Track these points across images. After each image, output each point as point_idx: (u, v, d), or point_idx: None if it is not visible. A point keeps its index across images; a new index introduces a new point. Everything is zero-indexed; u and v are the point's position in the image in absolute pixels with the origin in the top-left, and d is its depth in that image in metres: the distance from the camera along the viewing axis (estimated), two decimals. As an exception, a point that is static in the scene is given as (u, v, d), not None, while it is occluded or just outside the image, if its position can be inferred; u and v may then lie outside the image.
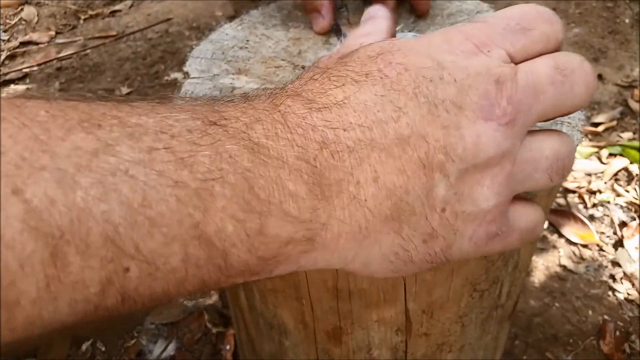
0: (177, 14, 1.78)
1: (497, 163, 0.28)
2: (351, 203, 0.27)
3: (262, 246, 0.25)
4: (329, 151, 0.26)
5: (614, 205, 1.17)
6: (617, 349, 0.95)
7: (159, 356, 0.96)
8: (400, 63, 0.28)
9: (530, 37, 0.30)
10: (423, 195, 0.27)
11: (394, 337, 0.51)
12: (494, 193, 0.28)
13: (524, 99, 0.28)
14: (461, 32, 0.29)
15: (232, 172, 0.24)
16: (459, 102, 0.27)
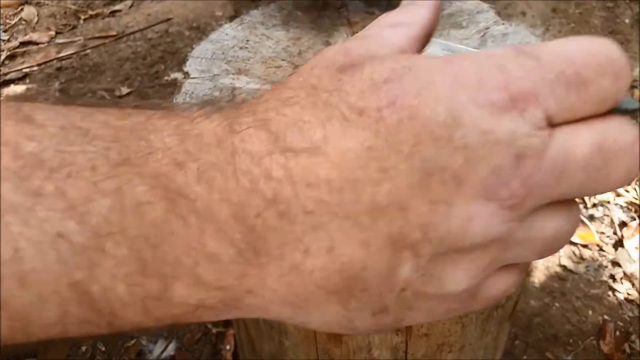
0: (177, 14, 1.78)
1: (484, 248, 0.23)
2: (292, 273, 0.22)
3: (162, 309, 0.22)
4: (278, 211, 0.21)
5: (614, 205, 1.17)
6: (617, 349, 0.95)
7: (159, 356, 0.96)
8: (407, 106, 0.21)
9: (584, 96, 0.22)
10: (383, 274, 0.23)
11: (394, 337, 0.51)
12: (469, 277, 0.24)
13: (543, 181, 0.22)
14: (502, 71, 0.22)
15: (134, 227, 0.20)
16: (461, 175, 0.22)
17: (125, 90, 1.52)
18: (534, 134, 0.22)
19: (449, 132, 0.21)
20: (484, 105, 0.21)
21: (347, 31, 0.54)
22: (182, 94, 0.47)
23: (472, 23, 0.59)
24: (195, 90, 0.47)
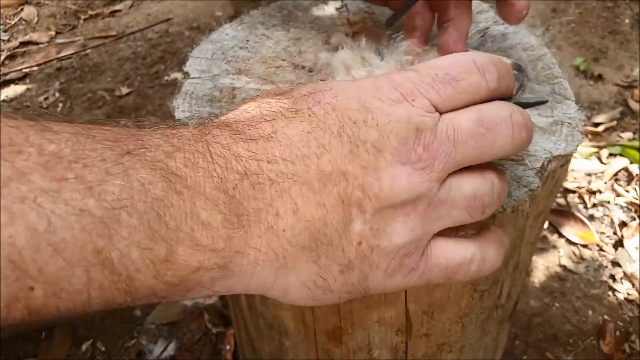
0: (177, 14, 1.78)
1: (411, 203, 0.30)
2: (268, 232, 0.28)
3: (169, 272, 0.26)
4: (250, 182, 0.27)
5: (614, 205, 1.17)
6: (617, 349, 0.95)
7: (159, 356, 0.96)
8: (328, 103, 0.30)
9: (457, 88, 0.31)
10: (340, 229, 0.29)
11: (394, 337, 0.51)
12: (408, 230, 0.30)
13: (441, 147, 0.30)
14: (390, 81, 0.31)
15: (142, 201, 0.25)
16: (379, 145, 0.29)
17: (125, 90, 1.52)
18: (426, 114, 0.30)
19: (363, 115, 0.30)
20: (383, 100, 0.30)
21: (347, 31, 0.54)
22: (182, 94, 0.47)
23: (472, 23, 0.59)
24: (195, 90, 0.47)
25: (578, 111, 0.48)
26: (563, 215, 1.15)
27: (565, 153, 0.44)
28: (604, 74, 1.48)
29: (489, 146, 0.31)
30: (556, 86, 0.50)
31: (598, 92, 1.45)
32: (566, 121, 0.47)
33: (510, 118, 0.32)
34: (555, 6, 1.69)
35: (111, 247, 0.24)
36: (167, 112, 1.42)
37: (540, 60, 0.54)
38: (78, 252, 0.24)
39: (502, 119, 0.31)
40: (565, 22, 1.64)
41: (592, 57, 1.53)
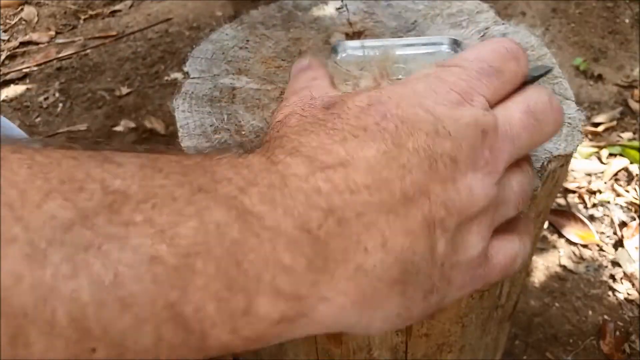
0: (177, 14, 1.78)
1: (485, 212, 0.29)
2: (357, 273, 0.25)
3: (248, 326, 0.23)
4: (335, 218, 0.24)
5: (614, 205, 1.17)
6: (617, 349, 0.95)
7: (159, 356, 0.96)
8: (395, 115, 0.27)
9: (502, 79, 0.30)
10: (428, 254, 0.27)
11: (394, 337, 0.51)
12: (481, 239, 0.29)
13: (503, 146, 0.29)
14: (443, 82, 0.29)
15: (218, 245, 0.22)
16: (454, 155, 0.27)
17: (125, 90, 1.52)
18: (486, 114, 0.29)
19: (434, 125, 0.27)
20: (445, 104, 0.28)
21: (347, 31, 0.54)
22: (182, 94, 0.47)
23: (472, 23, 0.59)
24: (195, 90, 0.47)
25: (578, 111, 0.48)
26: (563, 215, 1.15)
27: (565, 153, 0.44)
28: (604, 74, 1.48)
29: (539, 136, 0.31)
30: (556, 86, 0.50)
31: (598, 92, 1.45)
32: (566, 121, 0.47)
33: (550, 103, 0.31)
34: (555, 6, 1.69)
35: (185, 300, 0.21)
36: (167, 112, 1.42)
37: (540, 60, 0.54)
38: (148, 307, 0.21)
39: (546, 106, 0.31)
40: (565, 22, 1.64)
41: (592, 57, 1.53)
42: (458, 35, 0.57)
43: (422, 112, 0.27)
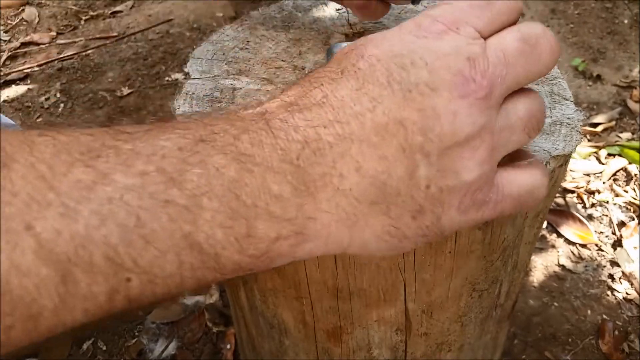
0: (177, 15, 1.79)
1: (477, 137, 0.29)
2: (336, 194, 0.29)
3: (252, 246, 0.28)
4: (311, 149, 0.28)
5: (613, 205, 1.18)
6: (616, 348, 0.95)
7: (159, 355, 0.96)
8: (372, 55, 0.29)
9: (494, 10, 0.31)
10: (406, 177, 0.29)
11: (394, 336, 0.51)
12: (477, 164, 0.30)
13: (497, 71, 0.29)
14: (429, 16, 0.31)
15: (219, 185, 0.26)
16: (432, 83, 0.28)
17: (126, 90, 1.52)
18: (473, 42, 0.30)
19: (409, 58, 0.29)
20: (427, 35, 0.30)
21: (347, 32, 0.54)
22: (183, 94, 0.47)
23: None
24: (196, 91, 0.48)
25: (577, 111, 0.48)
26: (562, 215, 1.16)
27: (563, 153, 0.45)
28: (602, 74, 1.49)
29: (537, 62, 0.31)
30: (555, 86, 0.51)
31: (597, 92, 1.45)
32: (565, 121, 0.47)
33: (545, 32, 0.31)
34: (554, 7, 1.69)
35: (197, 230, 0.26)
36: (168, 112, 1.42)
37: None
38: (168, 240, 0.25)
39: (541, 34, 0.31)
40: (564, 23, 1.64)
41: (590, 58, 1.54)
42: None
43: (399, 47, 0.29)
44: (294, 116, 0.29)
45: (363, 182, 0.29)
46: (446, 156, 0.29)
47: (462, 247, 0.43)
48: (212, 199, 0.26)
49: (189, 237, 0.26)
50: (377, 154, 0.29)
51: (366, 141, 0.28)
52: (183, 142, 0.27)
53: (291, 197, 0.28)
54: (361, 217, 0.30)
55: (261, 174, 0.27)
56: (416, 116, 0.28)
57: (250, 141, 0.28)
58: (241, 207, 0.27)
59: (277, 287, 0.49)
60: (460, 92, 0.29)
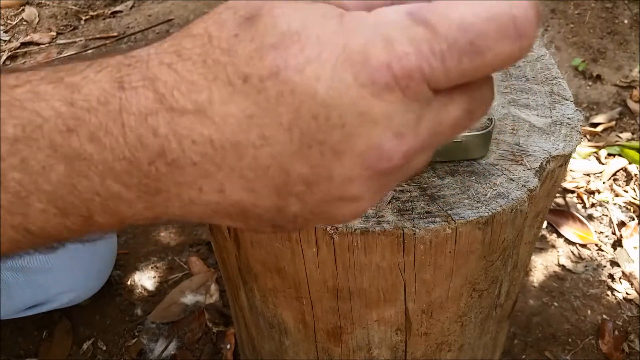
0: (177, 15, 1.79)
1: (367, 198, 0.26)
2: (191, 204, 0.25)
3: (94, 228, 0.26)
4: (166, 161, 0.23)
5: (613, 205, 1.18)
6: (616, 348, 0.95)
7: (159, 355, 0.96)
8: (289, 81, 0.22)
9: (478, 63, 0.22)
10: (272, 211, 0.26)
11: (394, 336, 0.51)
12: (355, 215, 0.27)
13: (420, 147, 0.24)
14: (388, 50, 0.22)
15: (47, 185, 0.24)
16: (340, 149, 0.23)
17: (126, 90, 1.52)
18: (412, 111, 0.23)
19: (327, 111, 0.22)
20: (366, 84, 0.22)
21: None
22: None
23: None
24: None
25: (577, 111, 0.48)
26: (562, 215, 1.16)
27: (563, 153, 0.45)
28: (602, 74, 1.49)
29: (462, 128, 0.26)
30: (555, 86, 0.51)
31: (597, 92, 1.45)
32: (565, 121, 0.47)
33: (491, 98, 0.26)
34: (554, 7, 1.69)
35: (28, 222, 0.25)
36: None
37: (539, 60, 0.54)
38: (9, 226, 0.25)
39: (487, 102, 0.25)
40: (564, 23, 1.64)
41: (590, 58, 1.54)
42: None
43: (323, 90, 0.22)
44: (158, 116, 0.23)
45: (223, 203, 0.25)
46: (326, 205, 0.26)
47: (462, 247, 0.43)
48: (39, 198, 0.24)
49: (18, 228, 0.25)
50: (247, 186, 0.24)
51: (238, 172, 0.24)
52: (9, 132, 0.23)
53: (136, 200, 0.25)
54: (217, 219, 0.27)
55: (100, 178, 0.24)
56: (307, 171, 0.24)
57: (89, 137, 0.23)
58: (73, 206, 0.24)
59: (277, 287, 0.49)
60: (366, 165, 0.24)
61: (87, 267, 0.93)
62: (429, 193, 0.43)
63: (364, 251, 0.42)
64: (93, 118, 0.23)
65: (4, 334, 1.00)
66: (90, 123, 0.23)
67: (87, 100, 0.23)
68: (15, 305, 0.88)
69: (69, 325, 1.01)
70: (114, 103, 0.23)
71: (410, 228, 0.40)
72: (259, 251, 0.47)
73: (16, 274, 0.84)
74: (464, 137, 0.43)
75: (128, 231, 1.16)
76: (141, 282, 1.07)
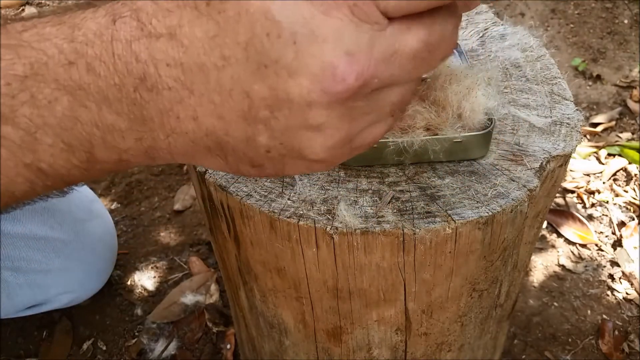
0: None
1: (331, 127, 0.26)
2: (173, 134, 0.28)
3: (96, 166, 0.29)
4: (147, 87, 0.26)
5: (613, 205, 1.18)
6: (616, 348, 0.95)
7: (159, 355, 0.96)
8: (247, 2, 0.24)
9: None
10: (244, 140, 0.27)
11: (394, 336, 0.51)
12: (326, 149, 0.27)
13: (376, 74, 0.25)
14: None
15: (52, 118, 0.26)
16: (294, 69, 0.24)
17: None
18: (364, 31, 0.24)
19: (279, 28, 0.24)
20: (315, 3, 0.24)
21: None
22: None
23: (471, 24, 0.59)
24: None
25: (577, 111, 0.48)
26: (562, 215, 1.16)
27: (563, 153, 0.45)
28: (602, 74, 1.49)
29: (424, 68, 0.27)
30: (555, 86, 0.51)
31: (597, 92, 1.45)
32: (565, 121, 0.47)
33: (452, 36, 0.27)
34: (554, 7, 1.69)
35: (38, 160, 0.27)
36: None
37: (539, 60, 0.54)
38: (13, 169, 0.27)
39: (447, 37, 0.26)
40: (564, 23, 1.64)
41: (590, 58, 1.54)
42: (457, 36, 0.57)
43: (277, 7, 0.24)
44: (140, 42, 0.26)
45: (199, 131, 0.27)
46: (292, 133, 0.26)
47: (462, 247, 0.43)
48: (47, 133, 0.26)
49: (31, 166, 0.27)
50: (216, 112, 0.26)
51: (206, 96, 0.26)
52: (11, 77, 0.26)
53: (127, 130, 0.27)
54: (198, 157, 0.29)
55: (96, 106, 0.27)
56: (267, 92, 0.25)
57: (86, 68, 0.26)
58: (77, 139, 0.27)
59: (277, 287, 0.49)
60: (323, 88, 0.24)
61: (86, 268, 0.93)
62: (429, 193, 0.43)
63: (364, 251, 0.42)
64: (90, 50, 0.26)
65: (4, 334, 1.00)
66: (88, 55, 0.26)
67: (85, 35, 0.26)
68: (15, 305, 0.88)
69: (69, 325, 1.01)
70: (107, 34, 0.26)
71: (410, 228, 0.40)
72: (259, 251, 0.47)
73: (16, 274, 0.84)
74: (464, 137, 0.43)
75: (128, 231, 1.16)
76: (141, 282, 1.07)
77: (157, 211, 1.20)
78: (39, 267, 0.86)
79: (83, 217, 0.92)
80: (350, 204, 0.42)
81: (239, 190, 0.43)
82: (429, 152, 0.43)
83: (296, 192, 0.43)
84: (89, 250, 0.93)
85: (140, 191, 1.24)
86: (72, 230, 0.89)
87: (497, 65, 0.54)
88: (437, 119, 0.42)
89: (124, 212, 1.20)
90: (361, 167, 0.45)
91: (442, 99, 0.42)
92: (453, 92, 0.42)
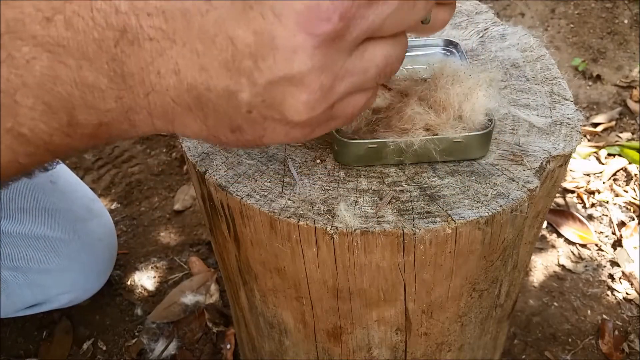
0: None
1: (314, 79, 0.26)
2: (153, 92, 0.27)
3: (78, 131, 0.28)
4: (128, 39, 0.25)
5: (613, 205, 1.18)
6: (616, 348, 0.95)
7: (159, 355, 0.96)
8: None
9: None
10: (226, 96, 0.27)
11: (394, 336, 0.51)
12: (306, 107, 0.27)
13: (360, 13, 0.25)
14: None
15: (31, 78, 0.26)
16: (279, 10, 0.24)
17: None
18: None
19: None
20: None
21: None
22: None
23: (471, 24, 0.59)
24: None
25: (577, 111, 0.48)
26: (562, 215, 1.16)
27: (563, 153, 0.45)
28: (602, 74, 1.49)
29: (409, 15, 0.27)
30: (555, 86, 0.51)
31: (597, 92, 1.45)
32: (565, 121, 0.48)
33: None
34: (554, 7, 1.69)
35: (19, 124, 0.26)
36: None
37: (539, 60, 0.54)
38: None
39: None
40: (564, 23, 1.64)
41: (590, 58, 1.54)
42: (457, 36, 0.57)
43: None
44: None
45: (180, 87, 0.27)
46: (274, 89, 0.26)
47: (462, 247, 0.43)
48: (26, 94, 0.26)
49: (12, 131, 0.26)
50: (198, 62, 0.26)
51: (189, 45, 0.25)
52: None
53: (107, 90, 0.27)
54: (178, 118, 0.28)
55: (76, 63, 0.26)
56: (251, 38, 0.25)
57: (65, 24, 0.25)
58: (57, 100, 0.26)
59: (277, 287, 0.49)
60: (308, 29, 0.24)
61: (86, 268, 0.93)
62: (429, 193, 0.43)
63: (364, 251, 0.42)
64: (68, 5, 0.25)
65: (4, 334, 1.00)
66: (66, 10, 0.25)
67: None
68: (15, 305, 0.88)
69: (69, 325, 1.01)
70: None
71: (410, 228, 0.40)
72: (259, 251, 0.47)
73: (16, 273, 0.84)
74: (464, 137, 0.43)
75: (128, 231, 1.16)
76: (141, 282, 1.07)
77: (157, 211, 1.20)
78: (38, 267, 0.86)
79: (83, 217, 0.92)
80: (350, 204, 0.42)
81: (239, 190, 0.43)
82: (429, 152, 0.43)
83: (296, 192, 0.43)
84: (89, 250, 0.93)
85: (140, 191, 1.24)
86: (72, 230, 0.89)
87: (497, 65, 0.54)
88: (437, 119, 0.42)
89: (124, 212, 1.20)
90: (361, 167, 0.45)
91: (443, 99, 0.42)
92: (455, 93, 0.42)
